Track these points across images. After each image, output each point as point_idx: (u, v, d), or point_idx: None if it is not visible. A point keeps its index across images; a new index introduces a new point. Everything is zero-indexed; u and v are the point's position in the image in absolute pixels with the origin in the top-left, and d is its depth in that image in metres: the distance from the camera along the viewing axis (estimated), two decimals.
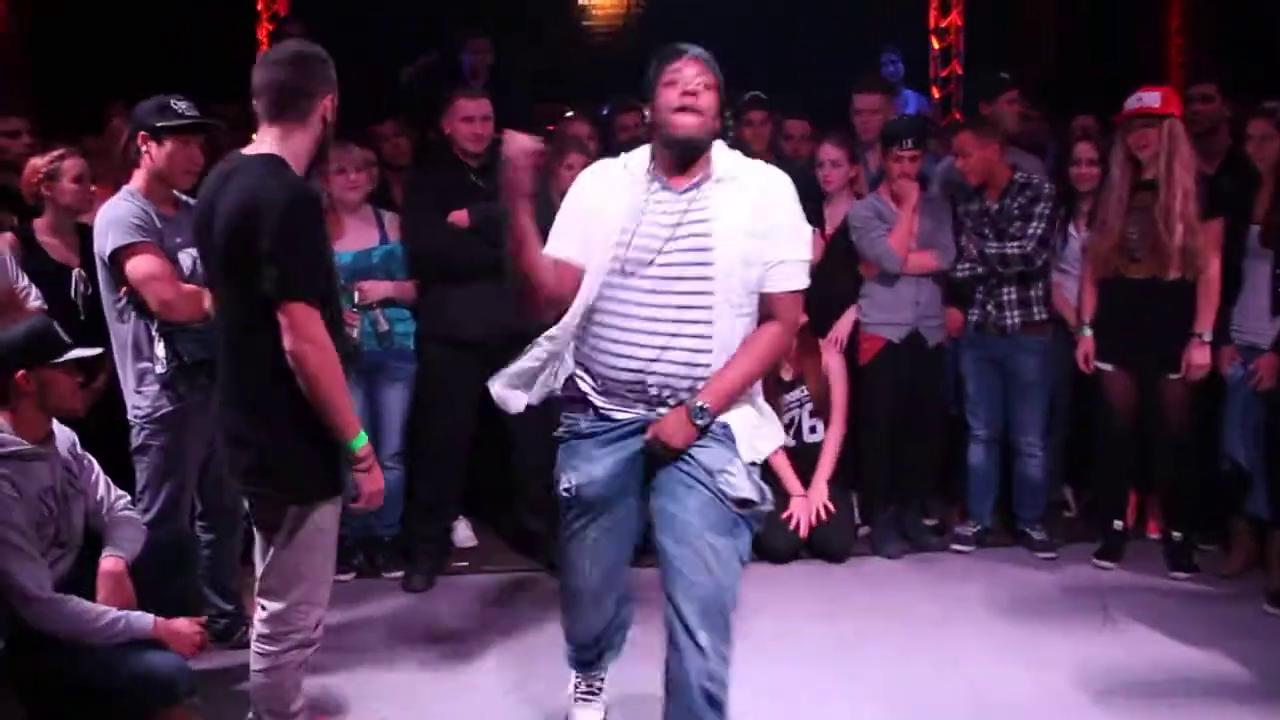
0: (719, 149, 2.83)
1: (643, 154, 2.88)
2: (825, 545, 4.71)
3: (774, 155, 5.22)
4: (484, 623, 4.14)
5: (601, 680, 3.38)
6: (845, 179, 4.95)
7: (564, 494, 3.00)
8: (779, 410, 4.80)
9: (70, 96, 5.77)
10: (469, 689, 3.63)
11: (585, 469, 2.95)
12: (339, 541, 4.57)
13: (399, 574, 4.54)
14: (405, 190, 4.71)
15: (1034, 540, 4.77)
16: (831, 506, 4.68)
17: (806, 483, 4.75)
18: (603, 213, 2.86)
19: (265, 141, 2.75)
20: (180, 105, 3.52)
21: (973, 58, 8.58)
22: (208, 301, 3.20)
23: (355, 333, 4.41)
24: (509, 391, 3.17)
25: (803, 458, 4.80)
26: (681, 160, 2.79)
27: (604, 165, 3.04)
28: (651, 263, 2.77)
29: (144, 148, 3.54)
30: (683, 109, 2.73)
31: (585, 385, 2.96)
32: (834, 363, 4.82)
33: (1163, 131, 4.22)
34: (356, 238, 4.52)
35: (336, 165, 4.46)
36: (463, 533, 4.94)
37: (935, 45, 8.86)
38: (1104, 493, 4.81)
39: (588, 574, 3.07)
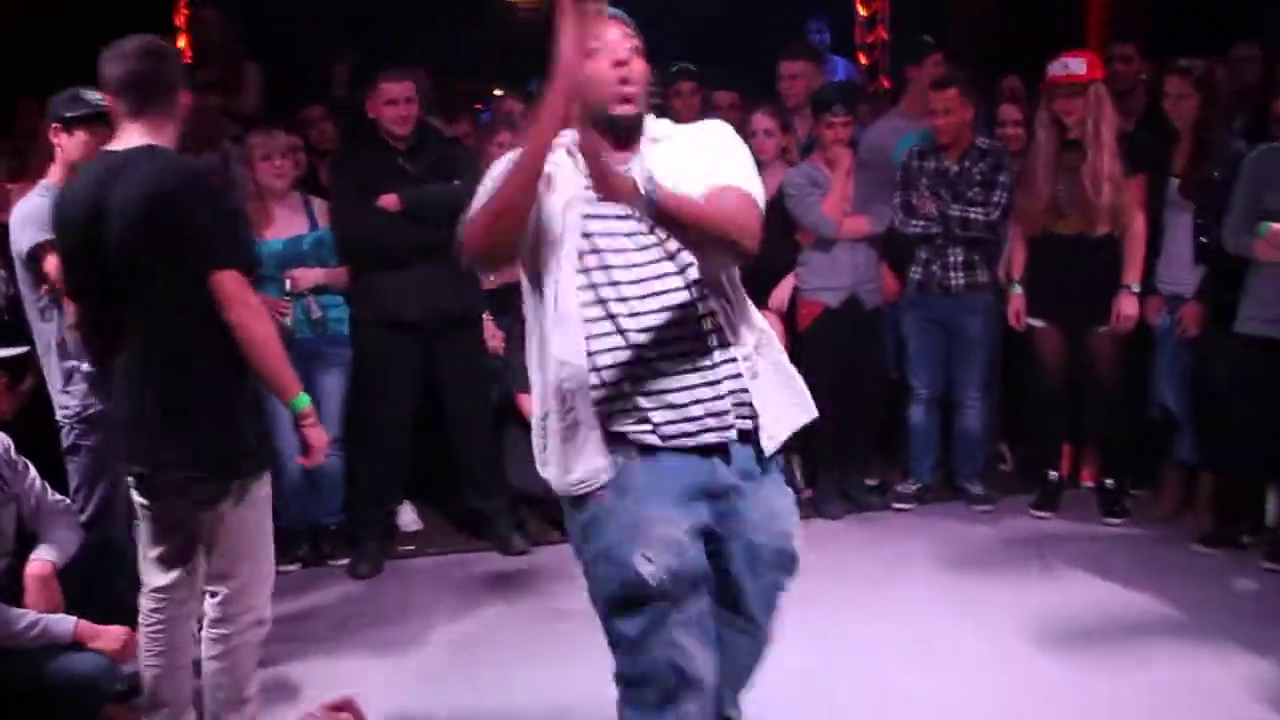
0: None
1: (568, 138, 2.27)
2: None
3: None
4: (432, 605, 4.10)
5: None
6: (778, 148, 4.92)
7: None
8: None
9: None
10: (419, 673, 3.60)
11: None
12: (282, 533, 4.57)
13: (345, 561, 4.49)
14: (332, 175, 4.62)
15: (972, 495, 4.83)
16: None
17: None
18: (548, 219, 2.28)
19: (133, 136, 2.69)
20: (91, 95, 3.39)
21: (898, 23, 8.60)
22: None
23: (289, 320, 4.34)
24: None
25: None
26: (619, 137, 2.30)
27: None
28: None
29: (55, 140, 3.43)
30: (623, 81, 2.26)
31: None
32: (771, 328, 4.80)
33: (1089, 97, 4.27)
34: (285, 225, 4.43)
35: (262, 151, 4.38)
36: (407, 516, 4.89)
37: (861, 11, 8.86)
38: (1038, 445, 4.87)
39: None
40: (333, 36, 7.21)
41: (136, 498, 2.87)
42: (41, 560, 3.11)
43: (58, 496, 3.29)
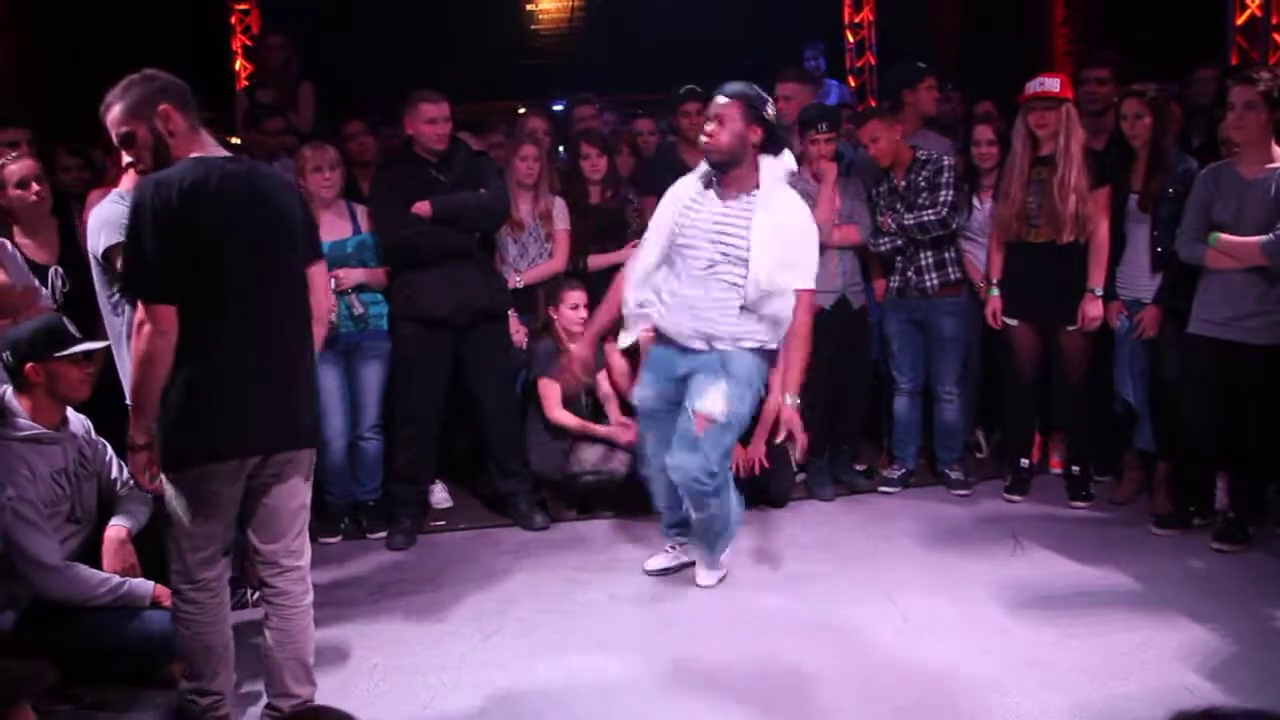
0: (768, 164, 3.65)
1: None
2: (767, 491, 4.76)
3: None
4: (461, 575, 4.14)
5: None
6: None
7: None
8: None
9: (70, 108, 5.64)
10: (450, 636, 3.64)
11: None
12: (325, 509, 4.63)
13: (382, 534, 4.53)
14: (373, 187, 4.67)
15: (951, 479, 4.85)
16: (766, 462, 4.72)
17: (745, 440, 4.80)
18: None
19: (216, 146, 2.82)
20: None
21: (884, 50, 8.64)
22: None
23: (333, 316, 4.37)
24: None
25: None
26: (722, 171, 3.67)
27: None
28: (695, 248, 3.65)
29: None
30: (708, 135, 3.62)
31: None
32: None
33: (1061, 114, 4.31)
34: (331, 229, 4.47)
35: (313, 164, 4.43)
36: (439, 495, 4.93)
37: (850, 39, 8.90)
38: (1011, 435, 4.90)
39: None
40: (371, 58, 7.28)
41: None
42: (117, 526, 3.18)
43: (129, 474, 3.35)
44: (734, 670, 3.28)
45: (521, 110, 5.80)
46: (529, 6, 10.02)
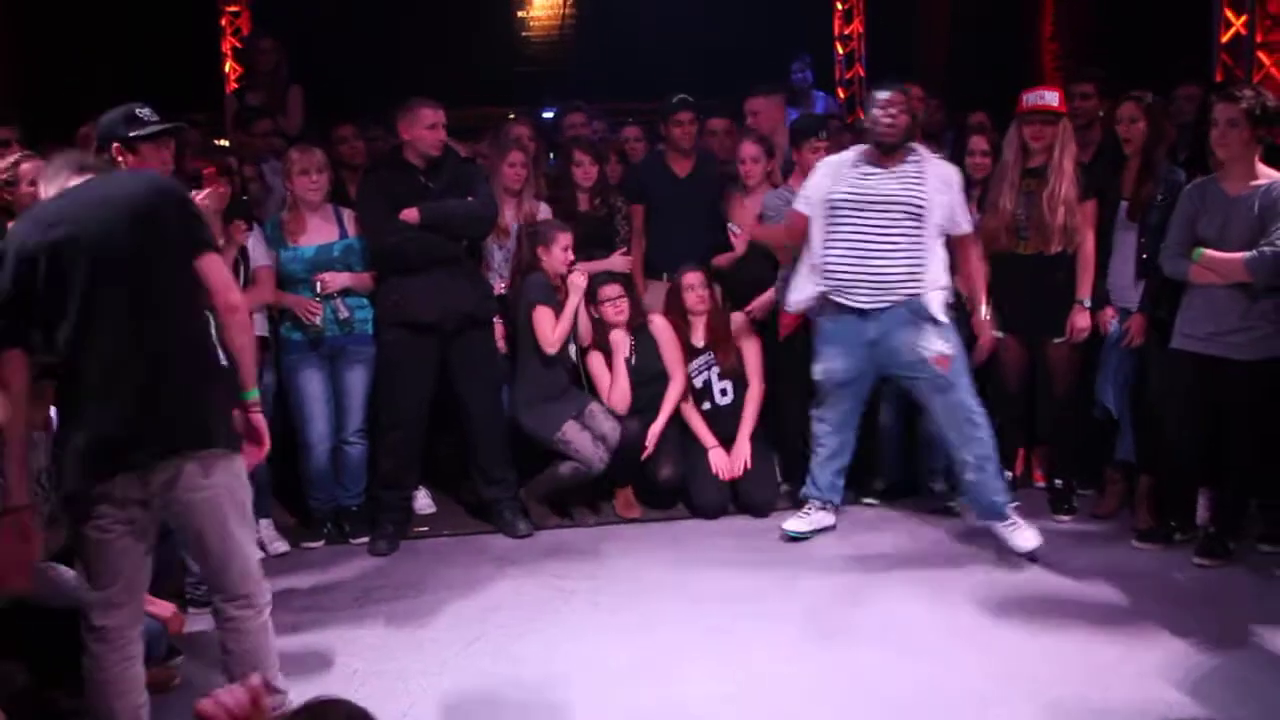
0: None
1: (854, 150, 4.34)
2: (751, 501, 4.76)
3: (699, 151, 5.25)
4: (444, 582, 4.13)
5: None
6: (763, 173, 4.98)
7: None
8: (690, 375, 4.86)
9: (57, 107, 5.62)
10: (432, 642, 3.63)
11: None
12: (308, 513, 4.61)
13: (365, 540, 4.52)
14: (361, 192, 4.66)
15: (935, 492, 4.85)
16: (749, 462, 4.74)
17: (726, 441, 4.81)
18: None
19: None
20: (144, 112, 3.32)
21: (874, 62, 8.68)
22: None
23: (318, 320, 4.38)
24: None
25: (717, 419, 4.86)
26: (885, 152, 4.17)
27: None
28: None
29: (120, 159, 3.40)
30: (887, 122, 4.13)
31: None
32: (745, 331, 4.88)
33: (1059, 128, 4.33)
34: (318, 233, 4.48)
35: (300, 167, 4.43)
36: (423, 501, 4.92)
37: (840, 51, 8.93)
38: (996, 447, 4.89)
39: None
40: (361, 63, 7.26)
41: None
42: None
43: None
44: (715, 681, 3.27)
45: (511, 116, 5.80)
46: (520, 14, 10.02)
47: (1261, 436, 3.96)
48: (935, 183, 4.16)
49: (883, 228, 4.12)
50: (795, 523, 4.44)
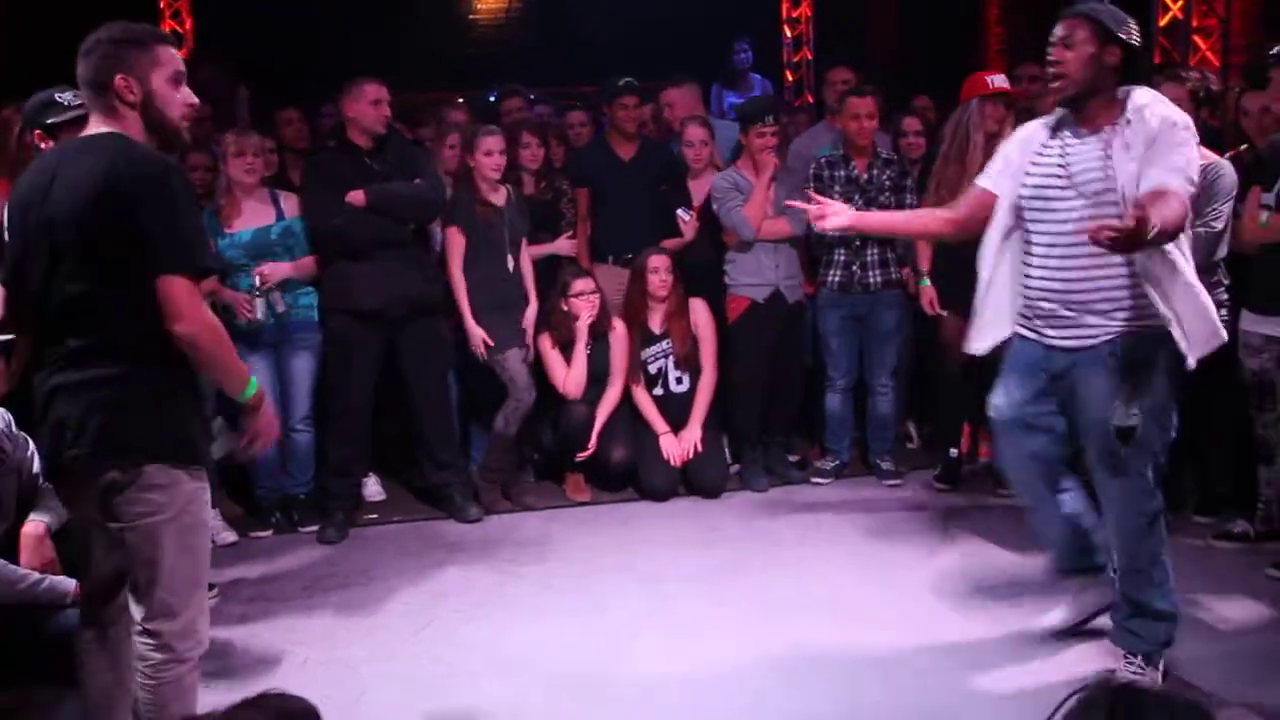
0: (1149, 90, 2.96)
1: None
2: (701, 482, 4.79)
3: (644, 135, 5.25)
4: (394, 569, 4.11)
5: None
6: (709, 157, 5.00)
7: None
8: (645, 362, 4.87)
9: None
10: (382, 629, 3.61)
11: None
12: (256, 502, 4.55)
13: (314, 528, 4.48)
14: (304, 174, 4.60)
15: (883, 470, 4.92)
16: (700, 446, 4.77)
17: (677, 427, 4.83)
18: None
19: (98, 125, 2.37)
20: (64, 97, 3.20)
21: (821, 45, 8.72)
22: None
23: (259, 314, 4.27)
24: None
25: (670, 405, 4.88)
26: (1076, 111, 2.97)
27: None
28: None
29: (42, 145, 3.32)
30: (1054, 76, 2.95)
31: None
32: (702, 318, 4.89)
33: (1011, 110, 4.39)
34: (254, 217, 4.41)
35: (235, 149, 4.36)
36: (372, 488, 4.89)
37: (788, 34, 8.96)
38: (941, 426, 4.97)
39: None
40: (301, 44, 7.15)
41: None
42: (35, 521, 3.09)
43: None
44: (666, 660, 3.29)
45: (460, 101, 5.76)
46: None
47: (1194, 411, 4.04)
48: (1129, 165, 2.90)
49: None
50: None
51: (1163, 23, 6.38)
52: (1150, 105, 2.86)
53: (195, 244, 2.33)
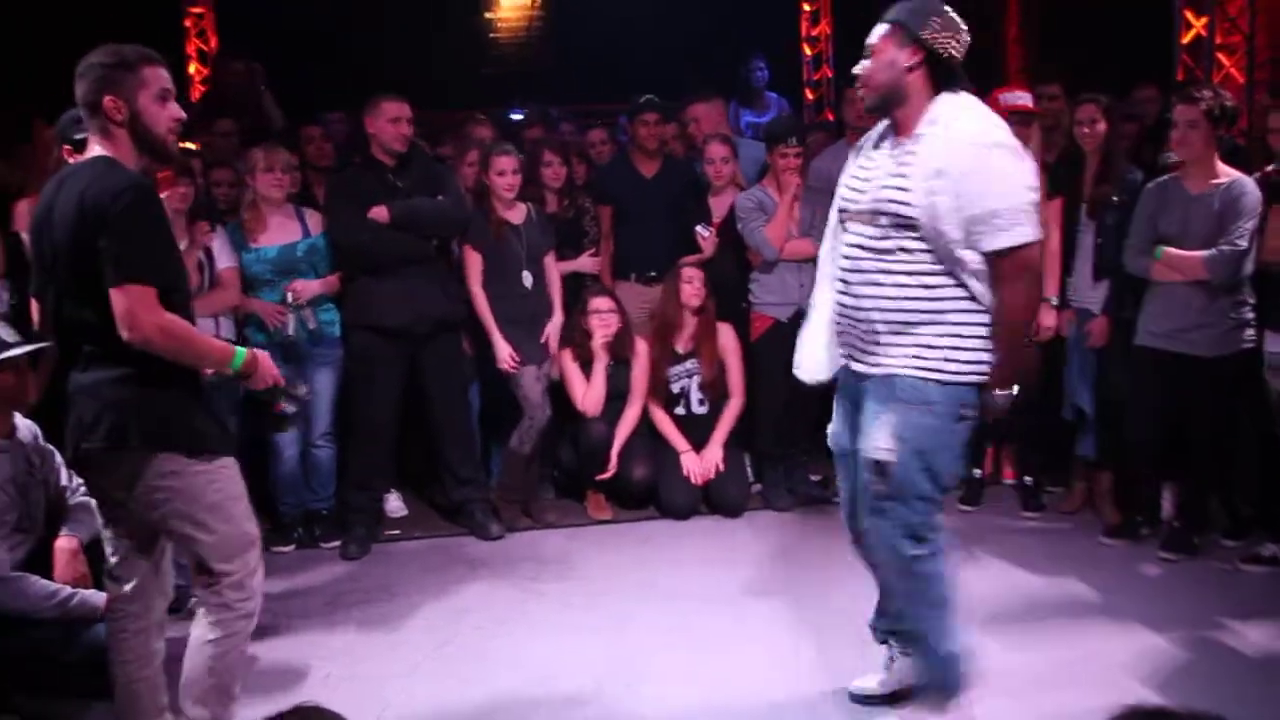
0: (951, 98, 2.66)
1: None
2: (723, 501, 4.79)
3: (666, 153, 5.27)
4: (416, 585, 4.12)
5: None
6: (731, 174, 5.01)
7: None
8: (668, 380, 4.88)
9: (19, 107, 5.55)
10: (404, 645, 3.62)
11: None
12: (278, 518, 4.58)
13: (336, 544, 4.50)
14: (329, 190, 4.65)
15: None
16: (723, 465, 4.77)
17: (698, 448, 4.84)
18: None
19: (94, 149, 2.57)
20: None
21: (841, 64, 8.73)
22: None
23: (291, 329, 4.34)
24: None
25: (690, 427, 4.88)
26: (889, 120, 2.78)
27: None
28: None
29: (71, 160, 3.39)
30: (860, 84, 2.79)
31: None
32: (730, 344, 4.89)
33: (1032, 129, 4.38)
34: (280, 233, 4.46)
35: (265, 164, 4.41)
36: (393, 504, 4.91)
37: (808, 52, 8.98)
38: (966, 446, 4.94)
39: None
40: (324, 62, 7.21)
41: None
42: (69, 536, 3.13)
43: (79, 481, 3.30)
44: (687, 680, 3.29)
45: (480, 117, 5.80)
46: (487, 15, 10.00)
47: (1220, 432, 4.04)
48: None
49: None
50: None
51: (1185, 40, 6.37)
52: (948, 119, 2.62)
53: (147, 256, 2.47)
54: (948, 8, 2.70)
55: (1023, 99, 4.45)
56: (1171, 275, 3.97)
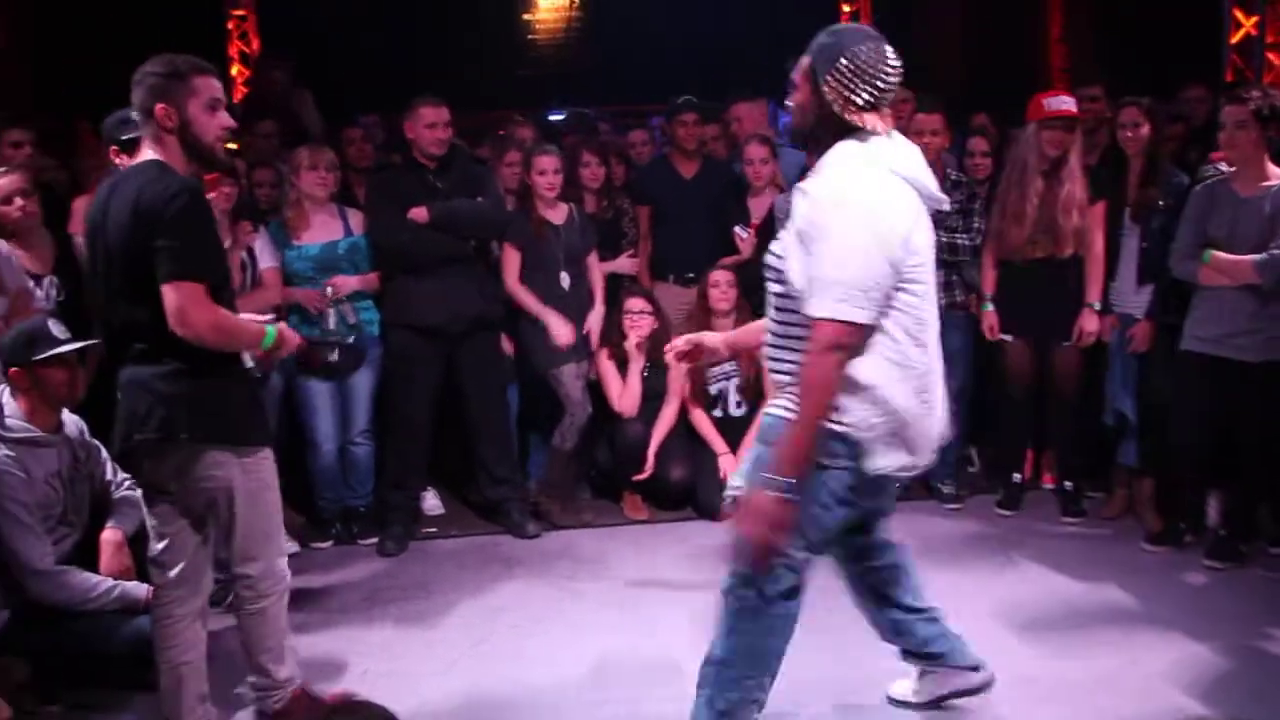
0: (842, 147, 2.44)
1: None
2: None
3: (706, 153, 5.27)
4: (452, 583, 4.15)
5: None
6: (770, 175, 5.00)
7: None
8: (706, 381, 4.87)
9: (65, 110, 5.67)
10: (440, 642, 3.64)
11: None
12: (316, 514, 4.63)
13: (373, 541, 4.53)
14: (369, 190, 4.69)
15: (944, 494, 4.86)
16: None
17: (733, 448, 4.82)
18: None
19: (146, 153, 2.72)
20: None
21: None
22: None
23: (330, 323, 4.40)
24: None
25: (728, 429, 4.87)
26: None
27: None
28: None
29: (117, 160, 3.46)
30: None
31: None
32: None
33: (1075, 133, 4.34)
34: (322, 231, 4.51)
35: (309, 162, 4.47)
36: (430, 501, 4.94)
37: None
38: (1004, 450, 4.91)
39: None
40: (364, 64, 7.29)
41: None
42: (114, 529, 3.20)
43: (123, 475, 3.36)
44: None
45: (519, 119, 5.83)
46: (526, 16, 10.06)
47: (1270, 439, 3.97)
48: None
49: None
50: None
51: (1235, 39, 6.29)
52: (823, 172, 2.44)
53: (199, 255, 2.62)
54: (869, 42, 2.45)
55: (1067, 104, 4.39)
56: (1220, 279, 3.91)
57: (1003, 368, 4.70)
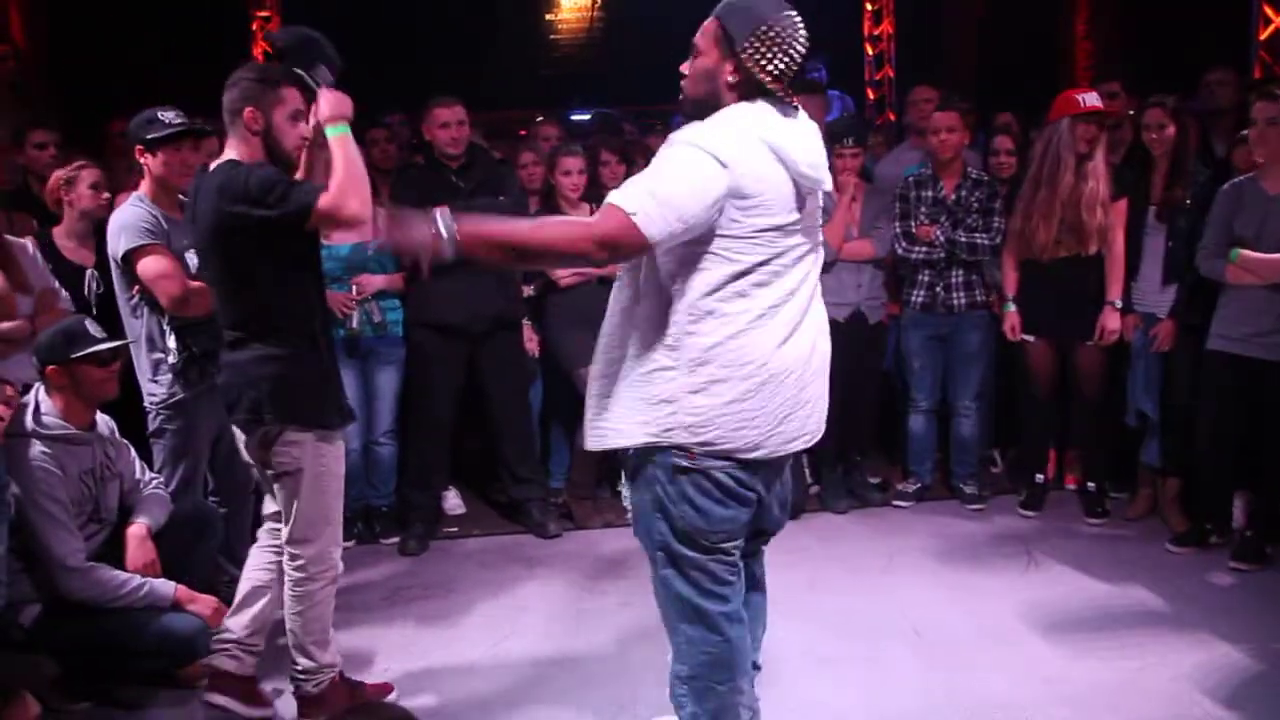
0: (730, 109, 2.36)
1: None
2: None
3: None
4: (474, 582, 4.17)
5: None
6: None
7: None
8: None
9: (90, 111, 5.73)
10: (461, 641, 3.66)
11: None
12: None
13: (395, 540, 4.56)
14: (392, 190, 4.71)
15: (966, 494, 4.84)
16: None
17: None
18: None
19: (229, 152, 2.90)
20: (167, 115, 3.47)
21: (902, 63, 8.66)
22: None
23: (354, 322, 4.43)
24: None
25: None
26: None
27: None
28: None
29: (142, 159, 3.52)
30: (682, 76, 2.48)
31: None
32: None
33: (1103, 129, 4.31)
34: (353, 231, 4.52)
35: None
36: (452, 501, 4.96)
37: (870, 51, 8.92)
38: (1027, 450, 4.89)
39: None
40: (385, 64, 7.32)
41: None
42: (139, 524, 3.24)
43: (151, 474, 3.40)
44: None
45: (540, 119, 5.85)
46: (548, 16, 10.08)
47: None
48: None
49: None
50: None
51: (1264, 35, 6.20)
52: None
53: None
54: (783, 11, 2.33)
55: (1097, 100, 4.37)
56: (1247, 278, 3.88)
57: (1025, 368, 4.68)
